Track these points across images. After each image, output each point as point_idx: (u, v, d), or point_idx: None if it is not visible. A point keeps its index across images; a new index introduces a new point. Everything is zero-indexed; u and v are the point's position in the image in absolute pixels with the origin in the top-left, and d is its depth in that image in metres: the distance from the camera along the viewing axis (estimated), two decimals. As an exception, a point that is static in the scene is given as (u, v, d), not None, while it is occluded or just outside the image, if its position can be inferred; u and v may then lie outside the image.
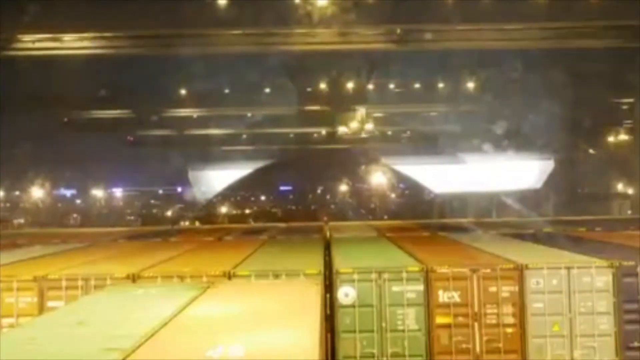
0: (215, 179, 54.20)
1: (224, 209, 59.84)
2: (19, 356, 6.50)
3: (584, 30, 28.94)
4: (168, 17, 27.18)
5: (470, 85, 39.71)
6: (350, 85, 39.90)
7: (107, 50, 31.28)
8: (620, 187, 48.72)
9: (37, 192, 51.17)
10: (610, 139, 44.56)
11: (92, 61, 33.33)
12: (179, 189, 57.85)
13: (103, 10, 26.85)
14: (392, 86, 42.12)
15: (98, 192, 57.73)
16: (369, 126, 42.02)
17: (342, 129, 42.13)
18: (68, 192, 59.18)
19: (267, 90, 41.31)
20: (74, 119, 45.54)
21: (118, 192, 60.84)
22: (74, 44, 30.03)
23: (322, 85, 40.38)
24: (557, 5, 26.89)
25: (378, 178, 53.21)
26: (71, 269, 13.34)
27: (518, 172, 45.87)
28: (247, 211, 62.87)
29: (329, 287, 12.50)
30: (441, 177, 49.84)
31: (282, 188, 64.65)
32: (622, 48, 30.81)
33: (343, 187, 59.78)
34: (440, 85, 41.38)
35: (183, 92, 41.53)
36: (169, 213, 59.14)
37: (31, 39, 29.40)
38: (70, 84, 37.19)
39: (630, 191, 47.81)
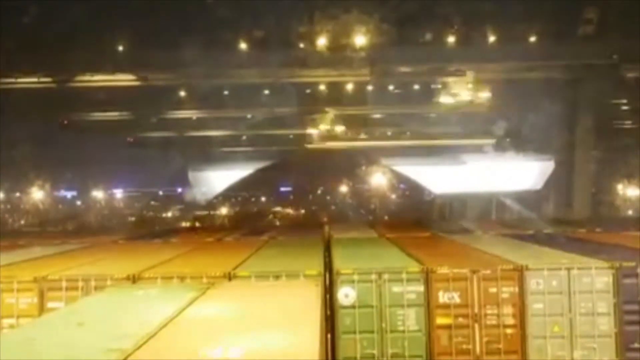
0: (216, 180, 54.07)
1: (224, 210, 59.81)
2: (19, 357, 6.50)
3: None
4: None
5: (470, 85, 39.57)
6: (349, 86, 39.79)
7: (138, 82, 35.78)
8: (620, 188, 48.71)
9: (37, 194, 51.10)
10: (610, 140, 44.50)
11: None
12: (179, 190, 57.78)
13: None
14: (391, 87, 41.98)
15: (98, 194, 57.67)
16: (339, 128, 43.04)
17: (311, 131, 43.42)
18: (69, 194, 59.16)
19: (267, 91, 41.20)
20: (74, 121, 45.45)
21: (118, 193, 60.79)
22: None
23: (322, 87, 40.26)
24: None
25: (378, 179, 53.15)
26: (71, 270, 13.33)
27: (518, 173, 45.77)
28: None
29: (329, 288, 12.50)
30: (441, 177, 49.72)
31: (282, 189, 64.62)
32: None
33: (343, 188, 59.75)
34: (440, 85, 41.25)
35: (183, 93, 41.44)
36: (169, 214, 59.09)
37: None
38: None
39: (630, 192, 47.79)
